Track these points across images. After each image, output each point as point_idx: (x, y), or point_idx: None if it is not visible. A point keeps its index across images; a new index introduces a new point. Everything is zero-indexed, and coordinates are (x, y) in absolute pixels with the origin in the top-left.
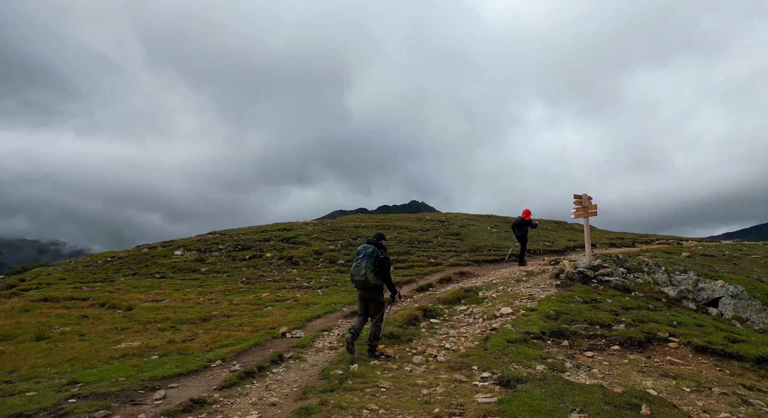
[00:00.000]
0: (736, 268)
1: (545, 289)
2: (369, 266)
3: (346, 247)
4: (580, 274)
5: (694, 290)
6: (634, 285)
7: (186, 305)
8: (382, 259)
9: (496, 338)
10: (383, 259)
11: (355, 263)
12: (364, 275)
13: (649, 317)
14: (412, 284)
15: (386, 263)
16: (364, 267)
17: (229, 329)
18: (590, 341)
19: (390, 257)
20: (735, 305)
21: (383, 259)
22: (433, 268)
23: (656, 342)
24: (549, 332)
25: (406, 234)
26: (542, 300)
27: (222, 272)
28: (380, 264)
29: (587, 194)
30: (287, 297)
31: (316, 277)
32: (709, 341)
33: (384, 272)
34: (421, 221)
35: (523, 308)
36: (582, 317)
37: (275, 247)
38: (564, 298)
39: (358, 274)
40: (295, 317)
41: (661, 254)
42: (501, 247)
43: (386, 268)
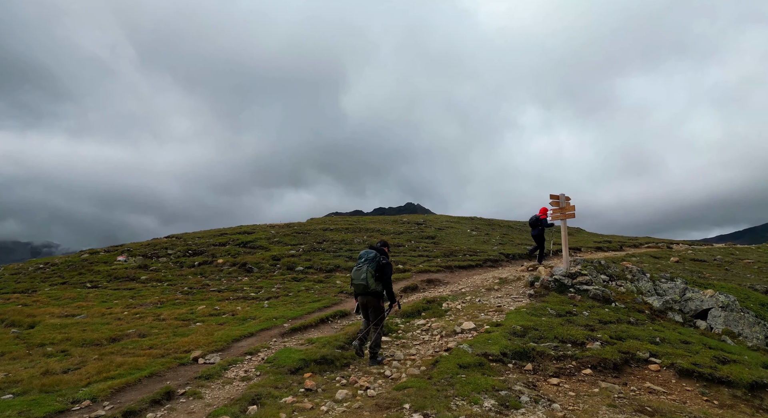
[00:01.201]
0: (727, 274)
1: (517, 299)
2: (370, 270)
3: (308, 252)
4: (556, 282)
5: (681, 301)
6: (615, 295)
7: (101, 322)
8: (383, 264)
9: (446, 363)
10: (385, 264)
11: (356, 267)
12: (364, 278)
13: (630, 333)
14: None
15: (388, 269)
16: (365, 271)
17: (134, 353)
18: (559, 364)
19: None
20: (726, 318)
21: (385, 264)
22: (399, 275)
23: (635, 364)
24: (512, 352)
25: (377, 237)
26: (511, 313)
27: (164, 280)
28: (381, 269)
29: (565, 194)
30: (225, 310)
31: (268, 286)
32: (696, 363)
33: (385, 279)
34: (396, 223)
35: (487, 323)
36: (553, 333)
37: (230, 252)
38: (535, 310)
39: (358, 278)
40: (222, 336)
41: (649, 258)
42: (478, 251)
43: (387, 274)
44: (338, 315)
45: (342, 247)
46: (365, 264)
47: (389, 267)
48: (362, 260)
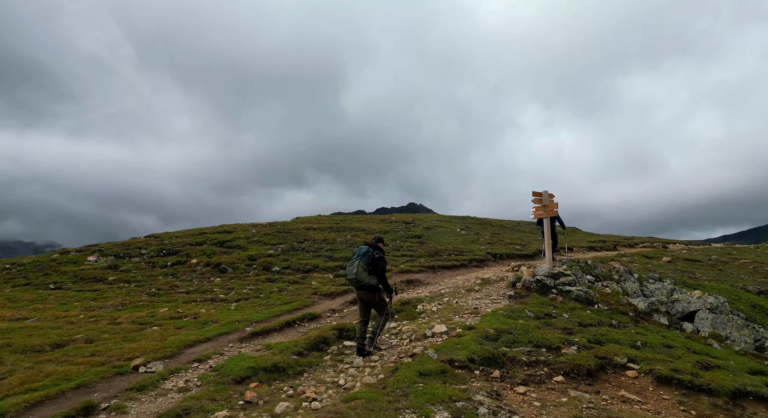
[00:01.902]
0: (720, 274)
1: (496, 301)
2: (362, 265)
3: (287, 252)
4: (538, 283)
5: (667, 302)
6: (598, 296)
7: (52, 326)
8: (376, 258)
9: (406, 370)
10: (378, 258)
11: (349, 263)
12: (356, 273)
13: (610, 337)
14: (348, 296)
15: (381, 263)
16: (357, 266)
17: (72, 360)
18: (529, 371)
19: (344, 264)
20: (713, 321)
21: (378, 258)
22: None
23: (611, 370)
24: (480, 358)
25: (362, 236)
26: (486, 315)
27: (132, 281)
28: (374, 263)
29: (548, 191)
30: (187, 313)
31: (240, 287)
32: (676, 369)
33: (379, 272)
34: (383, 223)
35: (460, 326)
36: (527, 337)
37: (206, 252)
38: (513, 312)
39: (351, 273)
40: (174, 341)
41: (640, 258)
42: (464, 251)
43: (381, 267)
44: (307, 318)
45: (323, 246)
46: (357, 259)
47: (382, 261)
48: (355, 255)
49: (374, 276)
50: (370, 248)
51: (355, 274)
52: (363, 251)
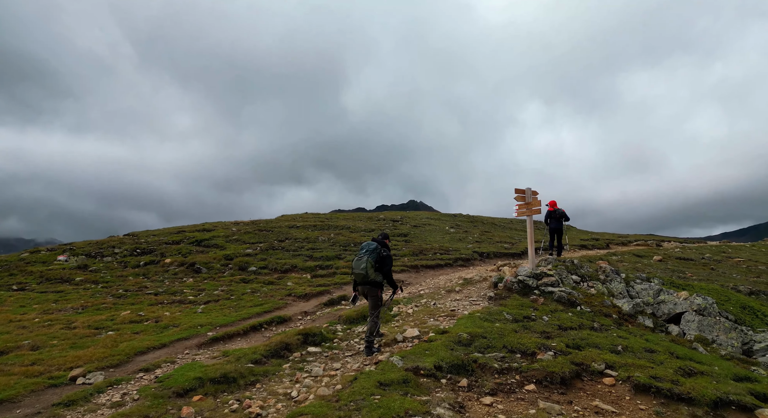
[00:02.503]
0: (712, 274)
1: (475, 302)
2: (370, 261)
3: (266, 251)
4: (520, 283)
5: (654, 303)
6: (582, 297)
7: (1, 331)
8: (384, 256)
9: (365, 380)
10: (385, 256)
11: (357, 257)
12: (364, 268)
13: (590, 341)
14: (323, 297)
15: (388, 261)
16: (366, 261)
17: (8, 370)
18: (500, 378)
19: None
20: (700, 323)
21: (385, 256)
22: None
23: (588, 377)
24: (448, 365)
25: (346, 235)
26: (462, 318)
27: (100, 281)
28: (381, 261)
29: (531, 189)
30: (150, 317)
31: (211, 288)
32: (656, 376)
33: (386, 270)
34: (371, 221)
35: (434, 330)
36: (502, 342)
37: (182, 251)
38: (491, 314)
39: (358, 267)
40: (126, 348)
41: (631, 257)
42: (450, 250)
43: (388, 265)
44: (275, 321)
45: (304, 245)
46: (366, 255)
47: (389, 259)
48: (363, 250)
49: (380, 273)
50: (379, 244)
51: (364, 269)
52: (372, 247)
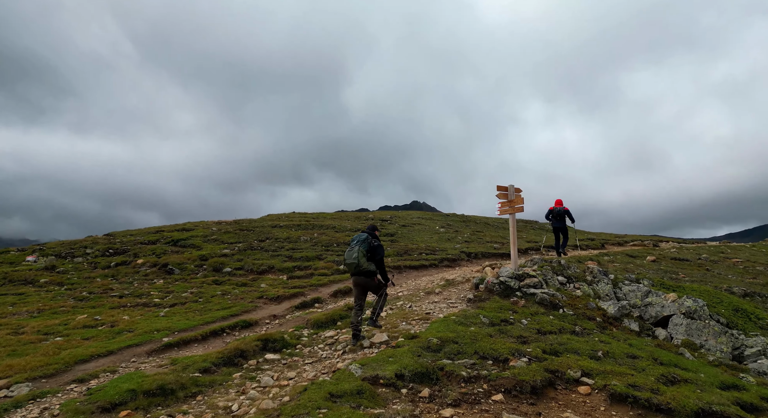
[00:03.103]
0: (707, 274)
1: (453, 304)
2: (361, 251)
3: (243, 251)
4: (501, 285)
5: (641, 306)
6: (566, 299)
7: None
8: (375, 246)
9: (315, 391)
10: (377, 246)
11: (348, 248)
12: (356, 258)
13: (569, 346)
14: (297, 299)
15: (379, 250)
16: (357, 251)
17: None
18: (466, 388)
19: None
20: (688, 327)
21: (377, 246)
22: (338, 276)
23: (562, 386)
24: (411, 374)
25: (330, 234)
26: (436, 322)
27: (66, 283)
28: (373, 250)
29: (514, 185)
30: (106, 321)
31: (180, 290)
32: (634, 385)
33: (377, 259)
34: (359, 220)
35: (404, 335)
36: (474, 347)
37: (156, 251)
38: (466, 318)
39: (350, 257)
40: (67, 356)
41: (623, 257)
42: (437, 250)
43: (379, 255)
44: (240, 326)
45: (284, 245)
46: (357, 245)
47: (381, 248)
48: (354, 241)
49: (372, 263)
50: (368, 234)
51: (356, 258)
52: (363, 237)
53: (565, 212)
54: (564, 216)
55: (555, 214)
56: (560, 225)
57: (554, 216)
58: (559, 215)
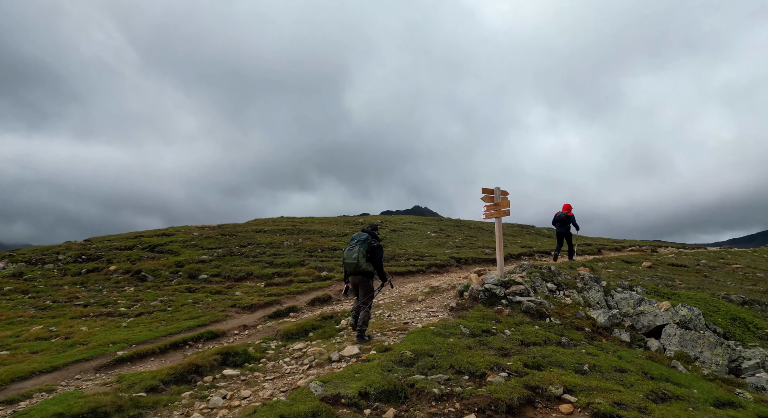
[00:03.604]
0: (705, 281)
1: (434, 313)
2: (361, 251)
3: (222, 257)
4: (486, 292)
5: (633, 314)
6: (554, 308)
7: None
8: (375, 246)
9: (265, 414)
10: (376, 246)
11: (348, 247)
12: (356, 258)
13: (554, 359)
14: (271, 308)
15: (379, 251)
16: (357, 251)
17: None
18: (436, 407)
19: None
20: (682, 337)
21: (376, 246)
22: (318, 283)
23: (542, 403)
24: (378, 392)
25: (315, 239)
26: (413, 333)
27: (31, 291)
28: (372, 251)
29: (500, 188)
30: (61, 333)
31: (150, 298)
32: (621, 402)
33: (376, 260)
34: (348, 225)
35: (376, 347)
36: (450, 360)
37: (131, 257)
38: (446, 328)
39: (350, 257)
40: (3, 373)
41: (618, 263)
42: (425, 255)
43: (378, 256)
44: (205, 337)
45: (266, 251)
46: (357, 245)
47: (380, 249)
48: (354, 241)
49: (371, 263)
50: (369, 235)
51: (355, 259)
52: (363, 237)
53: (567, 217)
54: (567, 221)
55: (557, 219)
56: (562, 230)
57: (557, 221)
58: (562, 220)
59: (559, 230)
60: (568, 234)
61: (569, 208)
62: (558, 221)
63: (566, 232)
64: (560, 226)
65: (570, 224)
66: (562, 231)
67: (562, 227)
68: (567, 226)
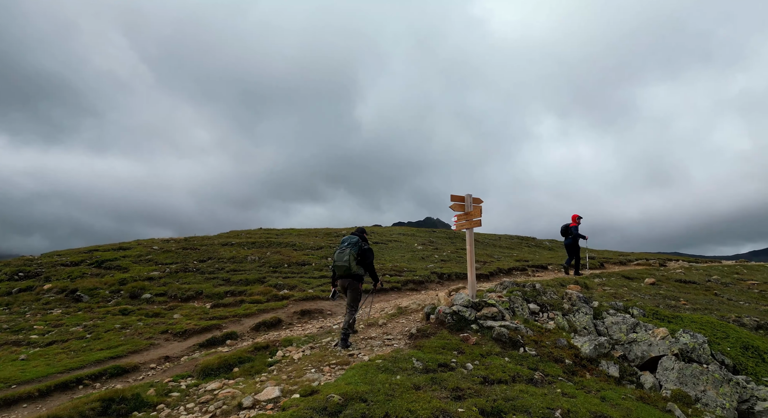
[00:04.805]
0: (714, 300)
1: (390, 341)
2: (352, 254)
3: (175, 273)
4: (454, 315)
5: (625, 342)
6: (531, 335)
7: None
8: (365, 249)
9: None
10: (367, 249)
11: (339, 250)
12: (347, 261)
13: (519, 402)
14: (207, 334)
15: (369, 254)
16: (348, 254)
17: None
18: None
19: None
20: (681, 372)
21: (367, 249)
22: (273, 304)
23: None
24: None
25: (285, 253)
26: (354, 368)
27: None
28: (363, 254)
29: (471, 195)
30: None
31: (73, 323)
32: None
33: (367, 263)
34: (328, 237)
35: (303, 388)
36: (386, 408)
37: (73, 274)
38: (396, 362)
39: (341, 260)
40: None
41: (618, 279)
42: (404, 270)
43: (369, 259)
44: (109, 374)
45: (225, 266)
46: (348, 247)
47: (370, 252)
48: (345, 243)
49: (361, 266)
50: (359, 238)
51: (346, 261)
52: (354, 240)
53: (570, 228)
54: (569, 232)
55: (563, 230)
56: (569, 242)
57: (563, 233)
58: (568, 232)
59: (567, 242)
60: (574, 246)
61: (576, 218)
62: (563, 233)
63: (572, 243)
64: (567, 238)
65: (574, 235)
66: (569, 243)
67: (568, 239)
68: (570, 237)
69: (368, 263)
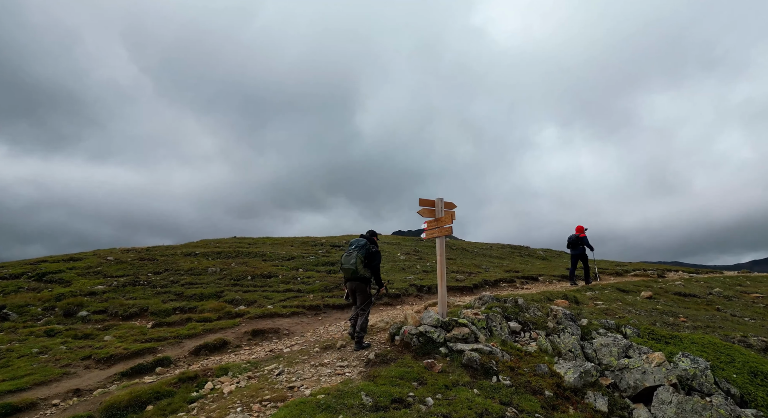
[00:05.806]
0: (716, 316)
1: (342, 370)
2: (359, 257)
3: (122, 287)
4: (420, 337)
5: (616, 369)
6: (507, 360)
7: None
8: (373, 252)
9: None
10: (374, 252)
11: (347, 253)
12: (354, 264)
13: None
14: (135, 360)
15: (377, 257)
16: (355, 257)
17: None
18: None
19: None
20: (679, 407)
21: (374, 252)
22: (223, 323)
23: None
24: None
25: (252, 264)
26: (289, 406)
27: None
28: (370, 257)
29: (443, 199)
30: None
31: None
32: None
33: (374, 266)
34: (305, 246)
35: None
36: None
37: (7, 289)
38: (341, 397)
39: (348, 262)
40: None
41: (612, 292)
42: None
43: (376, 262)
44: None
45: (181, 279)
46: (355, 250)
47: (378, 255)
48: (353, 246)
49: (368, 269)
50: (367, 241)
51: (353, 264)
52: (362, 243)
53: (580, 239)
54: (580, 243)
55: (571, 241)
56: (577, 252)
57: (571, 243)
58: (575, 243)
59: (573, 253)
60: (583, 256)
61: (582, 229)
62: (571, 244)
63: (581, 254)
64: (573, 248)
65: (584, 245)
66: (577, 253)
67: (576, 249)
68: (581, 248)
69: (374, 266)
